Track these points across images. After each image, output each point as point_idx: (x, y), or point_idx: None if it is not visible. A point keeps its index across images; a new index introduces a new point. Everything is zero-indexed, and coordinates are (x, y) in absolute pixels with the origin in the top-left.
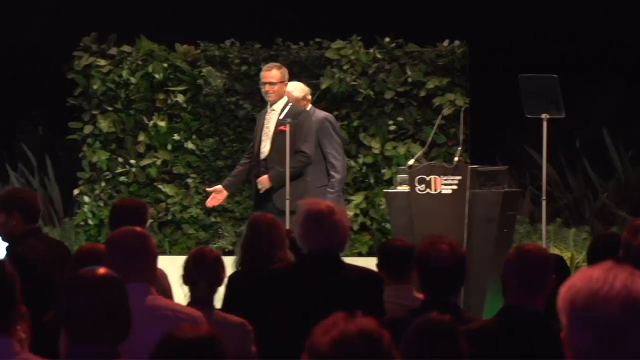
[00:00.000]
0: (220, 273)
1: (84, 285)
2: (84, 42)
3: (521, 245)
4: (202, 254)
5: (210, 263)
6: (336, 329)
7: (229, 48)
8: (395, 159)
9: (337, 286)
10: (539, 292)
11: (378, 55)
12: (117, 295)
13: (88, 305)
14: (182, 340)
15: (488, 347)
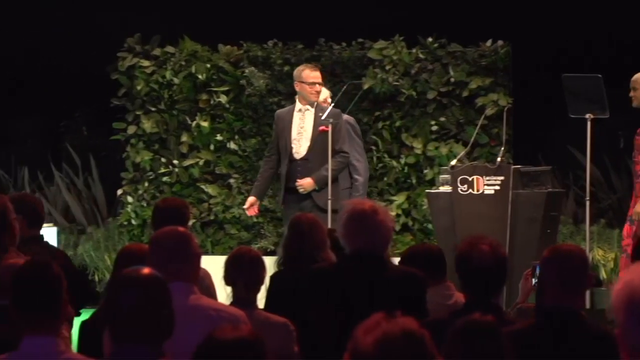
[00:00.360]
0: (258, 273)
1: (129, 285)
2: (128, 43)
3: (555, 245)
4: (239, 254)
5: (247, 263)
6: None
7: (272, 48)
8: (438, 159)
9: (380, 286)
10: (577, 292)
11: (420, 55)
12: (161, 295)
13: (132, 305)
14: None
15: (529, 349)
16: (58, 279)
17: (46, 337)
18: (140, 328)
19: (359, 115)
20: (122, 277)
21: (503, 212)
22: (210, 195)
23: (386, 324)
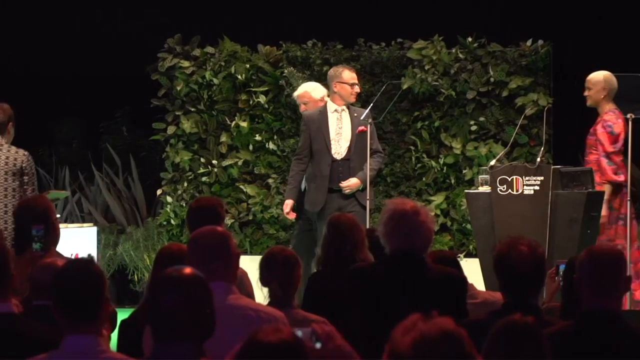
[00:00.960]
0: (291, 273)
1: (171, 285)
2: (168, 44)
3: (592, 246)
4: (272, 255)
5: (280, 264)
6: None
7: (311, 49)
8: (477, 159)
9: (420, 287)
10: (615, 293)
11: (460, 55)
12: (203, 295)
13: (174, 304)
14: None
15: (569, 351)
16: (99, 279)
17: (87, 336)
18: (182, 327)
19: (397, 115)
20: (165, 276)
21: (542, 213)
22: (248, 195)
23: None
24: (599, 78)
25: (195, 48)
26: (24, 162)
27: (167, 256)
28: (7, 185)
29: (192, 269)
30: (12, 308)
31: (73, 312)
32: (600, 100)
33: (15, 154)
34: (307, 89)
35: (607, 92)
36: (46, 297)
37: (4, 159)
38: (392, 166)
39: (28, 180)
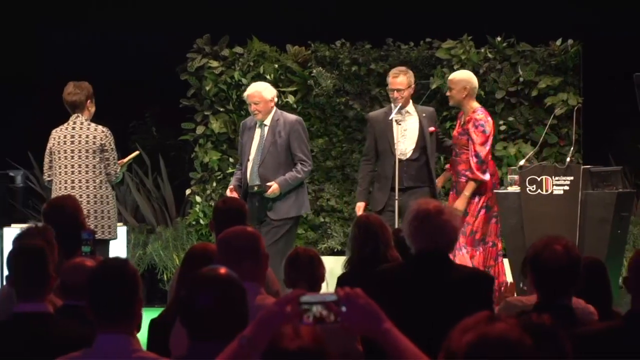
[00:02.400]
0: (316, 272)
1: (207, 284)
2: (197, 44)
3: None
4: (297, 256)
5: (305, 263)
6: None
7: (340, 49)
8: (506, 159)
9: (446, 286)
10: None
11: (489, 54)
12: (238, 294)
13: (210, 303)
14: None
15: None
16: (134, 279)
17: (120, 336)
18: (218, 326)
19: None
20: (200, 276)
21: (572, 213)
22: None
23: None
24: (459, 78)
25: (224, 48)
26: (103, 139)
27: (194, 256)
28: (87, 162)
29: (227, 269)
30: (47, 308)
31: (107, 312)
32: (461, 100)
33: (95, 131)
34: (257, 88)
35: (467, 92)
36: (76, 297)
37: (84, 137)
38: None
39: (108, 156)
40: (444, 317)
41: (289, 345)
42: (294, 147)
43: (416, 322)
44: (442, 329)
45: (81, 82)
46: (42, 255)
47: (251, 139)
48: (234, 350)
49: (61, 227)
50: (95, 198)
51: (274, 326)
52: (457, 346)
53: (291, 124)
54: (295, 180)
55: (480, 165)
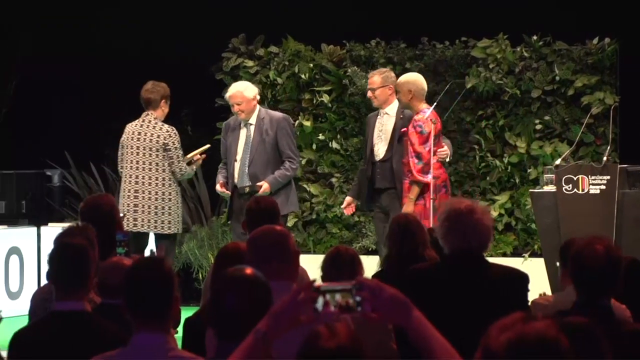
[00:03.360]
0: (357, 271)
1: (232, 285)
2: (232, 44)
3: None
4: (337, 253)
5: (346, 262)
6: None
7: (374, 48)
8: (542, 158)
9: (481, 285)
10: None
11: (525, 53)
12: (264, 294)
13: (236, 304)
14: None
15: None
16: (170, 278)
17: (156, 334)
18: (244, 326)
19: (461, 114)
20: (226, 276)
21: (609, 212)
22: (312, 194)
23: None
24: (404, 81)
25: (259, 48)
26: (167, 138)
27: (225, 256)
28: (151, 159)
29: (253, 269)
30: (85, 306)
31: (143, 310)
32: (408, 102)
33: (160, 130)
34: (238, 88)
35: (413, 94)
36: (114, 296)
37: (150, 135)
38: (455, 165)
39: (172, 155)
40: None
41: (325, 344)
42: (282, 145)
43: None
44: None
45: (160, 82)
46: (84, 254)
47: (237, 139)
48: (250, 344)
49: (97, 226)
50: (156, 195)
51: (287, 317)
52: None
53: (278, 122)
54: (284, 178)
55: (422, 166)
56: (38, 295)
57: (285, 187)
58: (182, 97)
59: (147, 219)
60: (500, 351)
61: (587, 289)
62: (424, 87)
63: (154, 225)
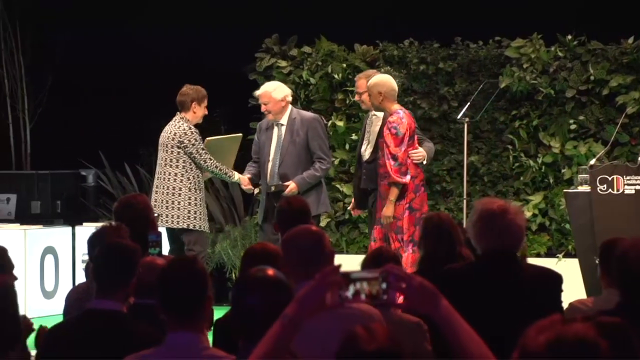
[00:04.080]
0: None
1: (253, 286)
2: (265, 44)
3: None
4: (379, 253)
5: (388, 262)
6: (552, 331)
7: (408, 48)
8: (576, 158)
9: (514, 285)
10: None
11: (559, 53)
12: (283, 296)
13: (256, 304)
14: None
15: None
16: (203, 277)
17: (190, 334)
18: (264, 327)
19: (495, 114)
20: (247, 277)
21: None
22: (345, 195)
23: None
24: (373, 83)
25: (293, 48)
26: (182, 136)
27: (252, 257)
28: (165, 156)
29: (275, 270)
30: (120, 306)
31: (177, 310)
32: (379, 104)
33: (177, 128)
34: (267, 89)
35: (383, 95)
36: (148, 296)
37: (168, 133)
38: (489, 165)
39: (191, 151)
40: (513, 316)
41: (366, 347)
42: (313, 145)
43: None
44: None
45: (195, 86)
46: (132, 256)
47: (269, 140)
48: (277, 330)
49: (131, 225)
50: (168, 190)
51: (314, 301)
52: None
53: (309, 122)
54: (313, 179)
55: (398, 167)
56: (73, 294)
57: (316, 188)
58: (216, 97)
59: (161, 214)
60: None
61: (632, 290)
62: (394, 88)
63: (165, 220)
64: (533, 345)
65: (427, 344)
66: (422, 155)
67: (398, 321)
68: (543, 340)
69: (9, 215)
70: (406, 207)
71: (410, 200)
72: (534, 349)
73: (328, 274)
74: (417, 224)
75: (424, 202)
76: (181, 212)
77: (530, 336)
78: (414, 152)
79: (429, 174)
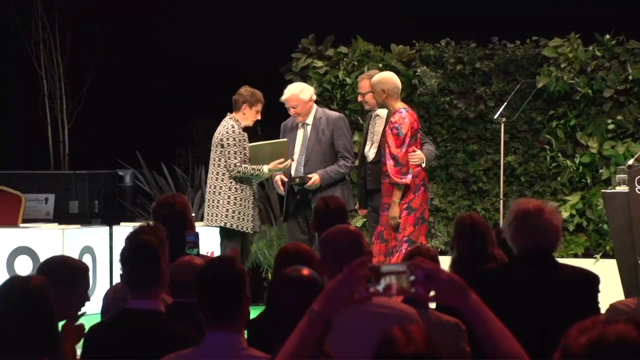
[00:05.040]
0: None
1: (288, 286)
2: (302, 44)
3: None
4: (418, 252)
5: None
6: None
7: (444, 47)
8: (614, 158)
9: (551, 286)
10: None
11: (597, 52)
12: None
13: (291, 304)
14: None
15: None
16: (241, 277)
17: (229, 334)
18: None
19: (532, 114)
20: (282, 277)
21: None
22: None
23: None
24: (376, 81)
25: (329, 48)
26: (224, 135)
27: (284, 257)
28: (212, 155)
29: (310, 270)
30: (158, 305)
31: (215, 310)
32: (383, 102)
33: (223, 127)
34: (294, 91)
35: (387, 93)
36: (186, 295)
37: (216, 132)
38: (526, 166)
39: (227, 151)
40: (549, 316)
41: (403, 350)
42: (338, 144)
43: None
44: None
45: (252, 89)
46: (154, 252)
47: (294, 139)
48: (304, 325)
49: (169, 225)
50: (210, 188)
51: (341, 295)
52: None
53: (335, 121)
54: (336, 174)
55: (399, 168)
56: (110, 294)
57: (342, 185)
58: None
59: (206, 212)
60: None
61: None
62: (397, 86)
63: (206, 218)
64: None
65: (466, 344)
66: (420, 158)
67: (436, 321)
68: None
69: (48, 215)
70: (404, 207)
71: (409, 200)
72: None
73: (356, 267)
74: (417, 224)
75: (423, 202)
76: (219, 210)
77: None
78: (413, 154)
79: (465, 174)
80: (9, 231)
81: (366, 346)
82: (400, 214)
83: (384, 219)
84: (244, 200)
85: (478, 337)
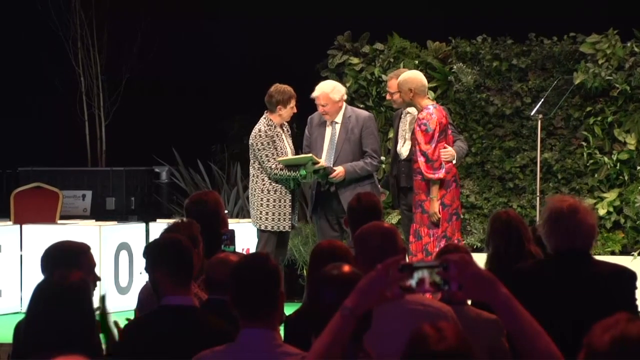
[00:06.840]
0: None
1: (328, 283)
2: (337, 41)
3: None
4: (447, 251)
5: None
6: (617, 329)
7: (481, 44)
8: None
9: (587, 283)
10: None
11: (635, 49)
12: None
13: (332, 302)
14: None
15: None
16: (276, 274)
17: (263, 330)
18: None
19: (569, 110)
20: (322, 275)
21: None
22: None
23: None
24: (402, 80)
25: (365, 45)
26: (253, 138)
27: (319, 254)
28: (250, 157)
29: (350, 267)
30: (193, 301)
31: (250, 307)
32: (411, 101)
33: (256, 128)
34: (325, 90)
35: (414, 92)
36: (221, 292)
37: (252, 132)
38: (563, 162)
39: (258, 156)
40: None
41: (435, 347)
42: (365, 143)
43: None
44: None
45: (282, 86)
46: (181, 248)
47: (322, 137)
48: (337, 322)
49: (202, 222)
50: (250, 190)
51: (374, 293)
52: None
53: (364, 121)
54: (362, 170)
55: (431, 164)
56: (145, 291)
57: (370, 183)
58: None
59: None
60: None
61: None
62: (424, 84)
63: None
64: (598, 343)
65: (505, 340)
66: (451, 154)
67: (475, 317)
68: (608, 338)
69: (85, 212)
70: (438, 203)
71: (442, 196)
72: (599, 347)
73: (389, 265)
74: (449, 220)
75: (455, 198)
76: (254, 212)
77: (596, 334)
78: (444, 151)
79: (501, 171)
80: (46, 228)
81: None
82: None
83: (417, 217)
84: (278, 200)
85: (509, 333)
